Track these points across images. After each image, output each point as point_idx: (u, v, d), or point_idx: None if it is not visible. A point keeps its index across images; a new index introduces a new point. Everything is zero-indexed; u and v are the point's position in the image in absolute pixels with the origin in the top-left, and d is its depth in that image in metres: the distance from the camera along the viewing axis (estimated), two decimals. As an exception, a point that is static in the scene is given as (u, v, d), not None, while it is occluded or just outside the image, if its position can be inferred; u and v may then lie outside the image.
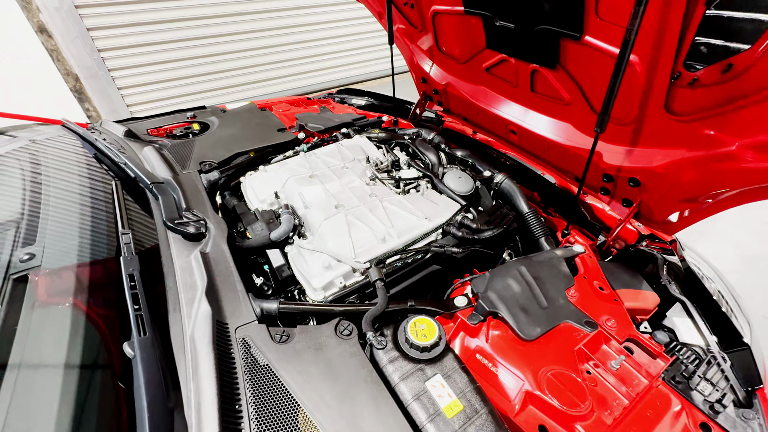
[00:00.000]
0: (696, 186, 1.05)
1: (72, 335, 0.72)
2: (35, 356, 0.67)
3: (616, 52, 0.98)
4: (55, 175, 1.19)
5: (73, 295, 0.80)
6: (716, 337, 0.97)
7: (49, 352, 0.68)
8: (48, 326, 0.73)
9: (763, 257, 2.65)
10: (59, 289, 0.81)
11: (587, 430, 0.73)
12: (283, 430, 0.67)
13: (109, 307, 0.81)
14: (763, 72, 0.76)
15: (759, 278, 2.50)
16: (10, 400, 0.58)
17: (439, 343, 0.81)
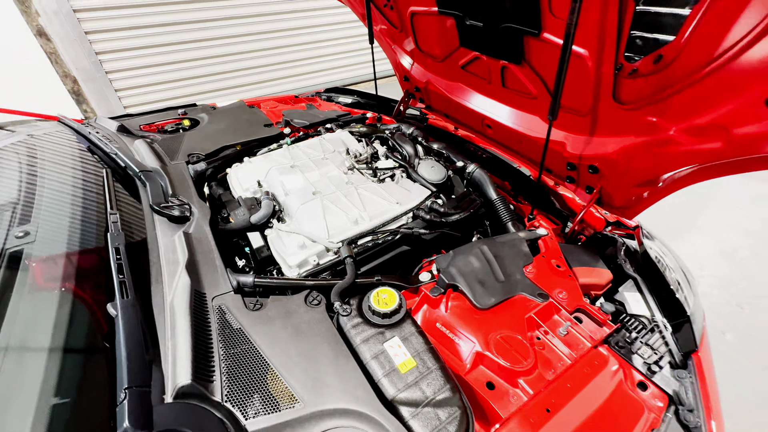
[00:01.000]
0: (645, 170, 1.13)
1: (61, 301, 0.79)
2: (28, 315, 0.74)
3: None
4: (50, 165, 1.27)
5: (63, 268, 0.87)
6: (661, 308, 1.04)
7: (41, 314, 0.76)
8: (40, 293, 0.80)
9: (741, 249, 2.73)
10: (51, 263, 0.89)
11: (528, 384, 0.81)
12: (252, 383, 0.74)
13: (96, 277, 0.89)
14: (687, 61, 0.84)
15: (735, 269, 2.58)
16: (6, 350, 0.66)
17: (399, 310, 0.89)
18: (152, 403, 0.65)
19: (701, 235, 2.89)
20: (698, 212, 3.11)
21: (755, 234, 2.86)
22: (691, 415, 0.83)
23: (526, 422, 0.72)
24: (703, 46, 0.79)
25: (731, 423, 1.78)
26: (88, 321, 0.78)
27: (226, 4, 4.30)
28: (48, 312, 0.76)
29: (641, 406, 0.80)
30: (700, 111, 0.89)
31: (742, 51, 0.74)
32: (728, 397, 1.85)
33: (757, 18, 0.69)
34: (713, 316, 2.28)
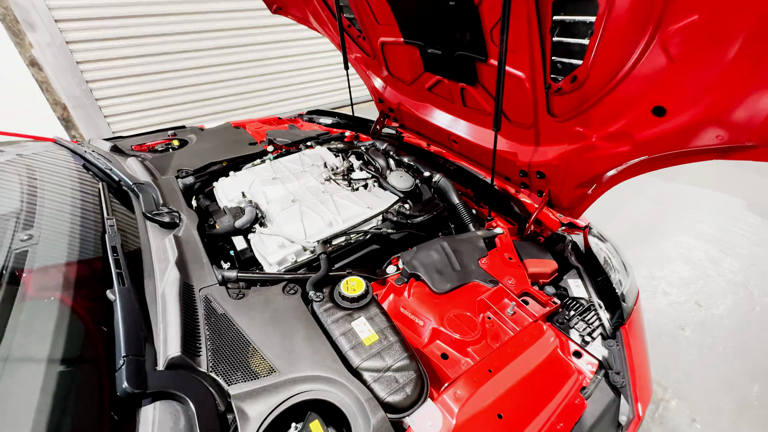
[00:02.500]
0: (580, 173, 1.31)
1: (64, 293, 0.90)
2: (35, 305, 0.85)
3: (510, 70, 1.26)
4: (49, 179, 1.38)
5: (65, 266, 0.98)
6: (597, 292, 1.19)
7: (47, 304, 0.86)
8: (46, 286, 0.91)
9: (697, 252, 2.94)
10: (52, 267, 1.00)
11: (476, 352, 0.93)
12: (234, 357, 0.85)
13: (95, 272, 0.99)
14: (595, 80, 1.03)
15: (693, 270, 2.78)
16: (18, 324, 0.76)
17: (366, 295, 1.02)
18: (146, 370, 0.75)
19: (663, 240, 3.10)
20: (659, 220, 3.34)
21: (709, 238, 3.09)
22: (617, 377, 0.97)
23: (471, 380, 0.85)
24: (603, 68, 0.98)
25: (686, 403, 1.91)
26: (88, 309, 0.88)
27: (213, 36, 4.54)
28: (52, 302, 0.86)
29: (571, 369, 0.94)
30: (610, 121, 1.08)
31: (630, 71, 0.93)
32: (686, 383, 2.00)
33: (636, 45, 0.88)
34: (674, 313, 2.45)
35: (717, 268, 2.80)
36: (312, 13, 2.16)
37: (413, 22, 1.57)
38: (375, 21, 1.79)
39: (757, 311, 2.45)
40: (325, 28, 2.22)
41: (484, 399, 0.82)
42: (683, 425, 1.86)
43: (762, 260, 2.85)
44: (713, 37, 0.73)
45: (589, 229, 1.53)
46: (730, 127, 0.81)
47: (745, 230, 3.18)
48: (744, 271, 2.77)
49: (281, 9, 2.31)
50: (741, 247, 3.00)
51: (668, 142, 0.96)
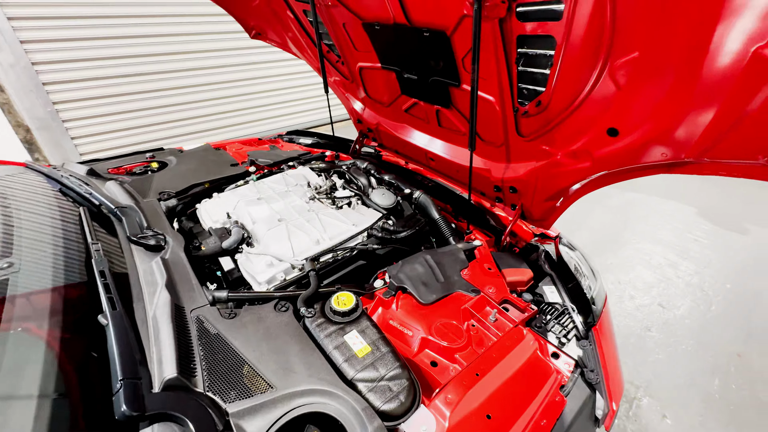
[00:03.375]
0: (549, 187, 1.42)
1: (52, 319, 0.89)
2: (20, 336, 0.83)
3: (481, 95, 1.38)
4: (24, 204, 1.34)
5: (51, 297, 0.96)
6: (570, 296, 1.29)
7: (30, 333, 0.85)
8: (28, 320, 0.89)
9: (656, 257, 3.16)
10: (37, 295, 0.98)
11: (463, 358, 0.99)
12: (230, 376, 0.87)
13: (82, 298, 0.98)
14: (556, 104, 1.15)
15: (654, 274, 2.98)
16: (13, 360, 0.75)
17: (357, 309, 1.06)
18: (143, 393, 0.75)
19: (625, 248, 3.32)
20: (621, 228, 3.58)
21: (667, 243, 3.34)
22: (592, 374, 1.05)
23: (460, 384, 0.90)
24: (563, 93, 1.10)
25: (657, 400, 2.02)
26: (78, 335, 0.87)
27: (184, 57, 4.53)
28: (38, 330, 0.85)
29: (551, 369, 1.01)
30: (572, 140, 1.20)
31: (586, 97, 1.05)
32: (655, 381, 2.12)
33: (590, 75, 1.00)
34: (640, 315, 2.61)
35: (675, 271, 3.02)
36: (291, 39, 2.24)
37: (390, 49, 1.67)
38: (353, 48, 1.89)
39: (712, 310, 2.66)
40: (304, 53, 2.30)
41: (473, 401, 0.87)
42: (655, 421, 1.97)
43: (714, 262, 3.11)
44: (652, 70, 0.85)
45: (560, 239, 1.65)
46: (671, 145, 0.93)
47: (698, 235, 3.46)
48: (699, 273, 3.00)
49: (260, 34, 2.38)
50: (695, 251, 3.25)
51: (622, 158, 1.08)
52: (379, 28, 1.58)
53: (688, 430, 1.93)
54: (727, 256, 3.18)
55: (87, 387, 0.79)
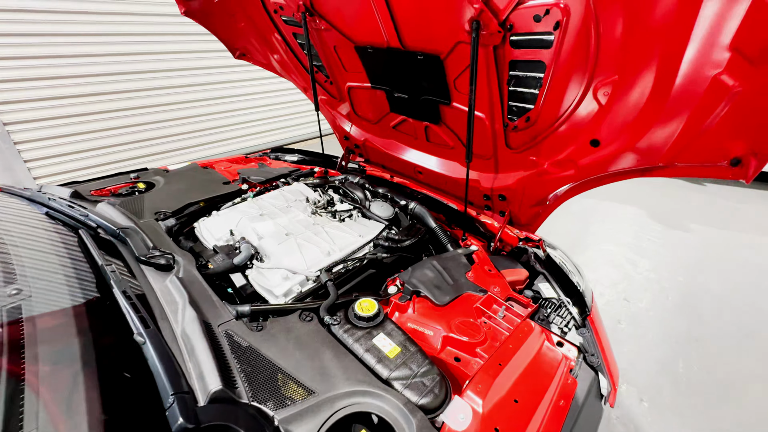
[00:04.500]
0: (535, 194, 1.57)
1: (83, 343, 0.86)
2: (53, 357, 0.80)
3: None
4: (13, 229, 1.27)
5: (70, 319, 0.93)
6: (563, 291, 1.42)
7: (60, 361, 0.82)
8: (56, 339, 0.86)
9: (618, 256, 3.47)
10: (55, 318, 0.94)
11: (484, 350, 1.07)
12: (270, 385, 0.88)
13: (105, 322, 0.96)
14: (544, 120, 1.30)
15: (617, 272, 3.26)
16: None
17: (380, 314, 1.11)
18: (194, 407, 0.76)
19: (590, 249, 3.60)
20: (584, 232, 3.89)
21: (625, 243, 3.67)
22: (593, 358, 1.17)
23: (486, 374, 0.97)
24: (551, 111, 1.26)
25: (634, 386, 2.20)
26: (109, 356, 0.85)
27: (147, 76, 4.40)
28: (67, 356, 0.82)
29: (560, 355, 1.11)
30: (558, 151, 1.35)
31: (571, 113, 1.20)
32: (631, 370, 2.30)
33: (575, 94, 1.16)
34: (610, 310, 2.84)
35: (635, 268, 3.33)
36: (278, 60, 2.30)
37: (382, 71, 1.78)
38: (343, 68, 1.98)
39: (669, 300, 2.95)
40: (291, 74, 2.36)
41: (500, 389, 0.95)
42: (634, 406, 2.14)
43: (667, 259, 3.46)
44: (630, 90, 1.02)
45: (543, 241, 1.80)
46: (646, 152, 1.10)
47: (651, 235, 3.84)
48: (655, 269, 3.32)
49: (245, 55, 2.42)
50: (649, 249, 3.60)
51: (603, 165, 1.24)
52: (372, 51, 1.69)
53: (663, 410, 2.12)
54: (677, 253, 3.56)
55: (130, 406, 0.77)
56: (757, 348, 2.53)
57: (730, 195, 4.77)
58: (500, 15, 1.11)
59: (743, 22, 0.72)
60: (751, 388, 2.25)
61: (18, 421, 0.68)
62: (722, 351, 2.50)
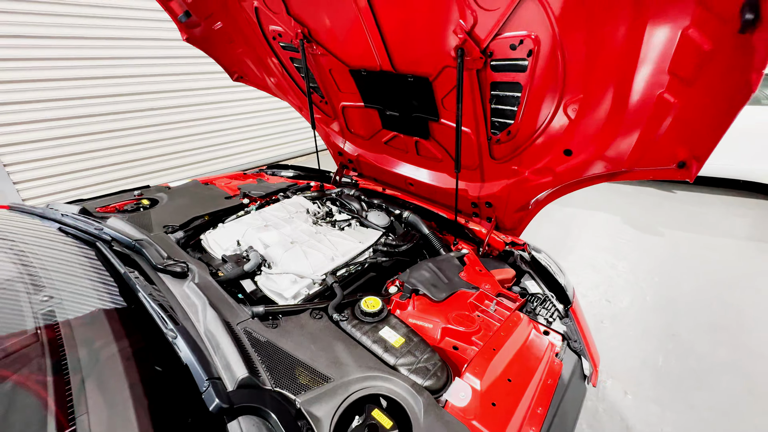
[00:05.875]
0: (518, 200, 1.73)
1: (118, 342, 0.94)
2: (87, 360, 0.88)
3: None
4: (32, 242, 1.34)
5: (102, 318, 1.01)
6: (547, 287, 1.56)
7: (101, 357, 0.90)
8: (94, 339, 0.94)
9: (598, 260, 3.66)
10: (88, 320, 1.02)
11: (479, 339, 1.19)
12: (290, 374, 0.98)
13: (133, 322, 1.03)
14: (523, 133, 1.46)
15: (598, 275, 3.44)
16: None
17: (384, 310, 1.22)
18: (226, 390, 0.85)
19: (572, 254, 3.79)
20: (565, 238, 4.09)
21: (604, 248, 3.88)
22: (576, 344, 1.30)
23: (482, 358, 1.09)
24: (529, 125, 1.42)
25: (618, 381, 2.33)
26: (144, 352, 0.93)
27: (136, 99, 4.47)
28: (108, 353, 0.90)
29: (547, 342, 1.24)
30: (537, 160, 1.51)
31: (546, 126, 1.37)
32: (614, 365, 2.44)
33: (549, 110, 1.32)
34: (594, 310, 3.00)
35: (615, 270, 3.52)
36: (275, 83, 2.44)
37: (374, 91, 1.93)
38: (338, 89, 2.14)
39: (647, 300, 3.14)
40: (288, 95, 2.50)
41: (495, 370, 1.06)
42: (619, 398, 2.27)
43: (643, 261, 3.67)
44: (594, 106, 1.19)
45: (528, 245, 1.95)
46: (612, 159, 1.26)
47: (627, 239, 4.07)
48: (633, 270, 3.53)
49: (242, 77, 2.55)
50: (627, 252, 3.82)
51: (577, 172, 1.41)
52: (365, 74, 1.84)
53: (645, 401, 2.26)
54: (652, 255, 3.78)
55: (167, 393, 0.86)
56: (727, 339, 2.72)
57: (696, 200, 5.10)
58: (482, 44, 1.28)
59: (676, 51, 0.89)
60: (723, 376, 2.42)
61: (68, 407, 0.76)
62: (696, 344, 2.68)
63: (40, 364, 0.85)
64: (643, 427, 2.10)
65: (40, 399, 0.78)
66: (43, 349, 0.88)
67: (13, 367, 0.83)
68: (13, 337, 0.90)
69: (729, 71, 0.80)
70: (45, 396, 0.78)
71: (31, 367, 0.84)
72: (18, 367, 0.83)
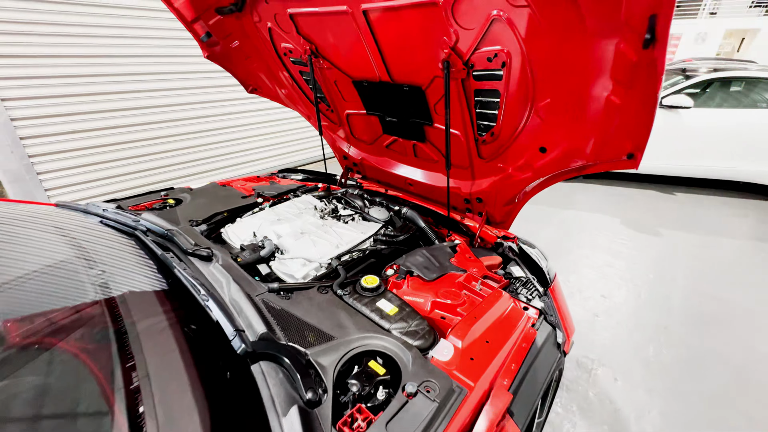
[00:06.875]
0: (505, 194, 1.91)
1: (162, 305, 1.15)
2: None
3: (450, 130, 1.87)
4: (81, 230, 1.57)
5: (147, 290, 1.22)
6: (530, 271, 1.73)
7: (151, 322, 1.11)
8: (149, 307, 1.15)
9: (595, 258, 3.79)
10: (137, 290, 1.23)
11: (463, 310, 1.37)
12: (300, 333, 1.17)
13: (174, 291, 1.24)
14: (505, 134, 1.66)
15: (595, 273, 3.57)
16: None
17: (381, 286, 1.41)
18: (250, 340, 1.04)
19: (570, 254, 3.93)
20: (564, 239, 4.22)
21: (602, 248, 4.01)
22: (552, 318, 1.46)
23: (464, 324, 1.26)
24: (509, 126, 1.61)
25: (609, 368, 2.46)
26: (184, 312, 1.14)
27: (162, 111, 4.80)
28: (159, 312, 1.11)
29: (524, 314, 1.41)
30: (518, 158, 1.70)
31: (524, 127, 1.56)
32: (606, 354, 2.57)
33: (524, 113, 1.52)
34: (588, 305, 3.14)
35: (611, 269, 3.65)
36: (285, 94, 2.68)
37: (375, 100, 2.15)
38: (342, 99, 2.36)
39: (641, 296, 3.26)
40: (297, 105, 2.74)
41: (475, 333, 1.24)
42: (609, 384, 2.40)
43: (638, 260, 3.79)
44: (560, 109, 1.38)
45: (517, 238, 2.13)
46: (578, 154, 1.45)
47: (624, 240, 4.19)
48: (629, 269, 3.65)
49: (256, 90, 2.80)
50: (623, 252, 3.94)
51: (552, 167, 1.59)
52: (366, 85, 2.07)
53: (634, 387, 2.38)
54: (648, 254, 3.90)
55: (203, 341, 1.06)
56: (717, 332, 2.83)
57: (696, 202, 5.19)
58: (464, 57, 1.49)
59: (614, 61, 1.08)
60: (712, 366, 2.53)
61: (128, 353, 0.96)
62: (687, 336, 2.80)
63: (102, 320, 1.06)
64: (631, 410, 2.23)
65: (106, 346, 0.99)
66: (102, 309, 1.09)
67: (82, 321, 1.04)
68: (80, 299, 1.11)
69: (649, 77, 0.99)
70: (109, 342, 0.99)
71: (95, 322, 1.05)
72: (86, 321, 1.05)
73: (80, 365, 0.93)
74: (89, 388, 0.89)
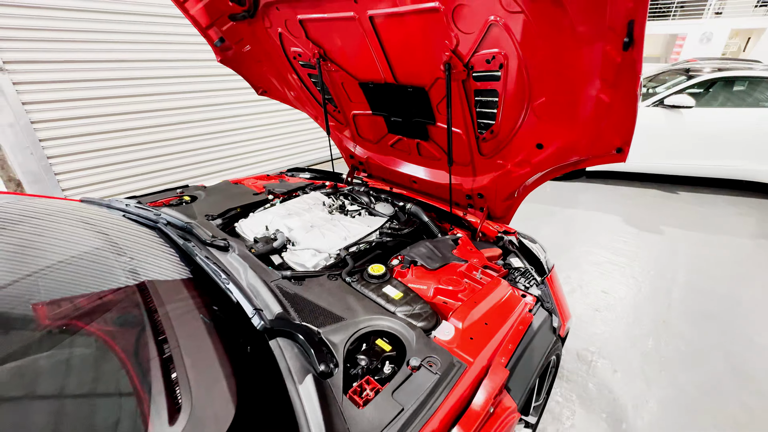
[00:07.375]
0: (505, 189, 2.00)
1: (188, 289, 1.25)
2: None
3: (452, 129, 1.96)
4: (107, 222, 1.69)
5: (173, 276, 1.33)
6: (529, 262, 1.82)
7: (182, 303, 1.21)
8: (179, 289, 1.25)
9: (597, 255, 3.85)
10: (165, 276, 1.34)
11: (464, 296, 1.46)
12: (312, 314, 1.27)
13: (196, 276, 1.35)
14: (503, 132, 1.75)
15: (596, 269, 3.64)
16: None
17: (387, 273, 1.51)
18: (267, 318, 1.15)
19: (572, 251, 3.99)
20: (567, 237, 4.29)
21: (603, 245, 4.07)
22: (548, 304, 1.55)
23: (465, 307, 1.35)
24: (507, 124, 1.71)
25: (608, 360, 2.52)
26: (205, 295, 1.25)
27: (177, 113, 4.96)
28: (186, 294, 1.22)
29: (522, 300, 1.50)
30: (517, 154, 1.79)
31: (521, 125, 1.65)
32: (606, 347, 2.64)
33: (521, 112, 1.61)
34: (589, 300, 3.20)
35: (612, 265, 3.71)
36: (294, 96, 2.80)
37: (380, 100, 2.26)
38: (349, 100, 2.47)
39: (641, 292, 3.32)
40: (306, 106, 2.85)
41: (475, 316, 1.33)
42: (608, 376, 2.47)
43: (640, 256, 3.85)
44: (555, 107, 1.47)
45: (518, 233, 2.21)
46: (573, 150, 1.53)
47: (625, 238, 4.24)
48: (630, 265, 3.71)
49: (266, 92, 2.92)
50: (625, 249, 4.00)
51: (548, 162, 1.68)
52: (372, 86, 2.17)
53: (633, 378, 2.45)
54: (649, 251, 3.95)
55: (227, 318, 1.16)
56: (717, 326, 2.88)
57: (699, 201, 5.22)
58: (464, 59, 1.58)
59: (602, 62, 1.17)
60: (710, 358, 2.59)
61: (159, 330, 1.06)
62: (686, 330, 2.85)
63: (134, 299, 1.16)
64: (629, 399, 2.30)
65: (140, 322, 1.09)
66: (134, 291, 1.20)
67: (115, 302, 1.15)
68: (113, 283, 1.22)
69: (630, 77, 1.08)
70: (142, 319, 1.09)
71: (128, 302, 1.16)
72: (118, 301, 1.15)
73: (120, 338, 1.04)
74: (128, 359, 0.99)
